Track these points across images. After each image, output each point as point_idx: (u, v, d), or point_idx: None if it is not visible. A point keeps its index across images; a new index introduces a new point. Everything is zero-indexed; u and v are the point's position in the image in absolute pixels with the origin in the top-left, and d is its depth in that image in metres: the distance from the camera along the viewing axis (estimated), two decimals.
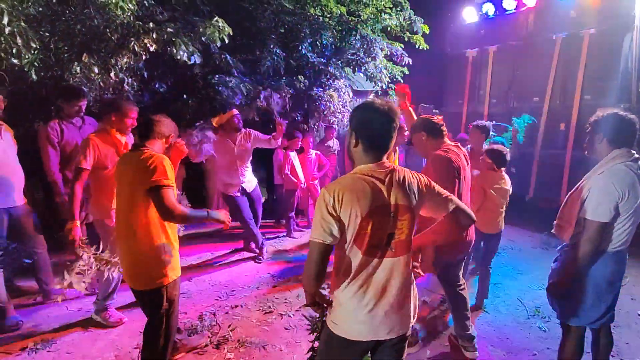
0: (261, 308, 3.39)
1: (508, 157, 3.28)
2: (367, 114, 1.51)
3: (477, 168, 3.44)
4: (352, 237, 1.47)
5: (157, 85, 4.60)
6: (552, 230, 2.32)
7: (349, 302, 1.53)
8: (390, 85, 6.45)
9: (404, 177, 1.54)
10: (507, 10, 6.53)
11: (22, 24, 2.78)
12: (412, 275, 1.65)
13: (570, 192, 2.24)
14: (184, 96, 4.68)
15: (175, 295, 2.26)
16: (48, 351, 2.74)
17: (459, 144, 2.60)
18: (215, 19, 3.67)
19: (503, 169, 3.31)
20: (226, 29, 3.80)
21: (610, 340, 2.35)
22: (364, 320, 1.52)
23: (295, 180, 5.22)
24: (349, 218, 1.43)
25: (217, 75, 4.48)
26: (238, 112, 4.16)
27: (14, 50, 2.82)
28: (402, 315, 1.58)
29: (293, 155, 5.33)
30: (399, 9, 5.74)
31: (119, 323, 3.05)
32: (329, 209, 1.42)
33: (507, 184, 3.33)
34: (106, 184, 2.81)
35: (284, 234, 5.39)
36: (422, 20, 5.79)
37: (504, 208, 3.35)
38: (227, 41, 3.82)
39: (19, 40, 2.67)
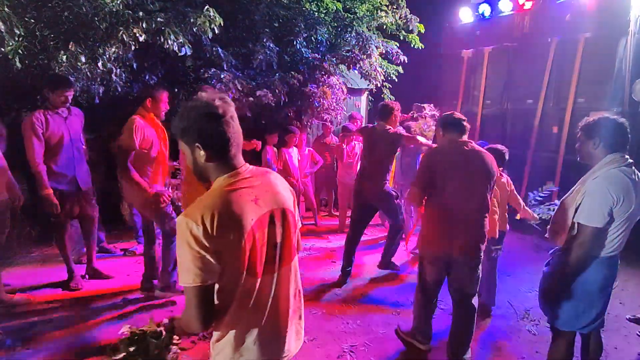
0: None
1: (507, 157, 3.21)
2: (210, 119, 1.20)
3: None
4: (239, 262, 1.20)
5: (147, 77, 4.49)
6: (546, 235, 2.30)
7: (246, 336, 1.28)
8: (384, 83, 6.42)
9: (274, 179, 1.37)
10: (503, 12, 6.52)
11: (6, 9, 2.68)
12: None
13: (564, 197, 2.22)
14: (175, 89, 4.58)
15: None
16: (27, 349, 2.66)
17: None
18: (206, 7, 3.58)
19: (501, 168, 3.22)
20: (217, 18, 3.71)
21: (600, 345, 2.35)
22: (273, 350, 1.32)
23: (290, 178, 5.18)
24: (230, 242, 1.17)
25: (211, 69, 4.39)
26: None
27: None
28: (298, 331, 1.44)
29: (289, 151, 5.27)
30: (395, 7, 5.69)
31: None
32: (200, 240, 1.12)
33: (507, 184, 3.25)
34: (146, 165, 3.12)
35: None
36: (418, 19, 5.74)
37: (502, 209, 3.24)
38: (217, 31, 3.73)
39: (1, 26, 2.57)
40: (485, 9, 6.71)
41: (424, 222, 2.73)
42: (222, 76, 4.50)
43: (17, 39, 2.82)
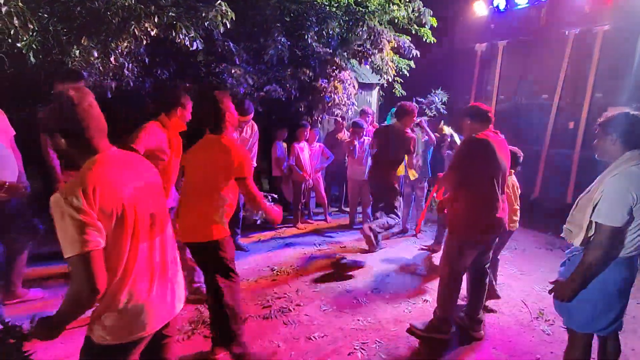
0: (259, 302, 3.34)
1: (521, 160, 3.27)
2: (66, 109, 1.32)
3: None
4: (123, 228, 1.36)
5: (158, 72, 4.50)
6: (562, 234, 2.24)
7: (131, 299, 1.42)
8: (396, 78, 6.34)
9: (139, 160, 1.58)
10: (519, 5, 6.39)
11: (20, 3, 2.68)
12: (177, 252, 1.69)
13: (581, 195, 2.15)
14: (187, 84, 4.58)
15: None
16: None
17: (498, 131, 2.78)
18: (218, 2, 3.57)
19: (513, 171, 3.25)
20: (229, 13, 3.70)
21: (618, 347, 2.28)
22: (150, 310, 1.47)
23: (301, 172, 5.19)
24: (110, 208, 1.30)
25: (223, 64, 4.38)
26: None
27: (11, 32, 2.73)
28: (178, 296, 1.62)
29: (301, 146, 5.25)
30: (407, 0, 5.59)
31: None
32: (81, 209, 1.23)
33: (515, 184, 3.30)
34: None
35: (286, 225, 5.36)
36: (432, 12, 5.64)
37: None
38: (229, 26, 3.72)
39: (15, 21, 2.58)
40: (500, 1, 6.59)
41: (466, 210, 2.72)
42: (232, 71, 4.50)
43: (31, 33, 2.83)
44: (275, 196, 2.91)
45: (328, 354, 2.69)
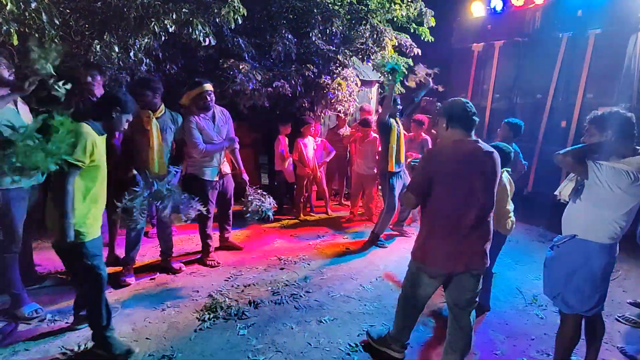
0: (270, 289, 3.50)
1: (512, 157, 3.00)
2: None
3: None
4: None
5: (167, 67, 4.60)
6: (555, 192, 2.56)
7: None
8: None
9: None
10: (515, 6, 6.59)
11: (46, 0, 2.79)
12: None
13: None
14: (196, 80, 4.67)
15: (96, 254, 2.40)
16: (66, 322, 2.83)
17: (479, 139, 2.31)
18: None
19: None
20: (241, 9, 3.83)
21: (602, 326, 2.51)
22: None
23: (304, 167, 5.34)
24: None
25: (231, 60, 4.50)
26: (211, 89, 3.61)
27: (36, 27, 2.83)
28: None
29: (304, 142, 5.40)
30: (410, 0, 5.76)
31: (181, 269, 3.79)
32: None
33: (510, 183, 3.06)
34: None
35: (288, 218, 5.53)
36: (433, 12, 5.82)
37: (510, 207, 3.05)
38: (240, 22, 3.84)
39: (44, 17, 2.68)
40: (497, 3, 6.79)
41: (426, 233, 2.33)
42: (241, 66, 4.62)
43: (54, 28, 2.93)
44: None
45: (339, 336, 2.87)
